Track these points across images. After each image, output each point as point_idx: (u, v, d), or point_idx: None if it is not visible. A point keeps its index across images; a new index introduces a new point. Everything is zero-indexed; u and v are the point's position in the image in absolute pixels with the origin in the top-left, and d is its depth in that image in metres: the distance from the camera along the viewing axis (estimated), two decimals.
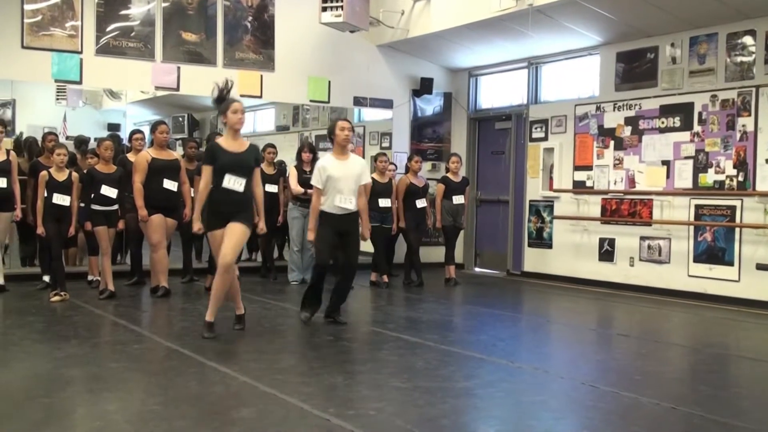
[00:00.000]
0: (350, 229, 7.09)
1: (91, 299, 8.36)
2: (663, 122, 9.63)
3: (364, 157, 12.40)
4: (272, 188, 9.77)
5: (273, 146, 10.15)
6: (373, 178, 9.99)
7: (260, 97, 11.09)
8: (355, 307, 8.45)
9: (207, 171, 6.46)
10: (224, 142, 6.52)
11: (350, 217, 7.05)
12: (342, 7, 10.07)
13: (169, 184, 8.59)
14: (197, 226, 6.52)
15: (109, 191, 8.47)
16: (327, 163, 7.02)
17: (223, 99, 6.51)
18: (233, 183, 6.39)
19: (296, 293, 9.26)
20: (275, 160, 10.16)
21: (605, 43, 10.23)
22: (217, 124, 13.90)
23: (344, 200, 6.95)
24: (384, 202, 9.89)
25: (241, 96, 11.09)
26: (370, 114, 12.68)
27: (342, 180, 6.93)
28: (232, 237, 6.37)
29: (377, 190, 9.88)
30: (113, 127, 12.49)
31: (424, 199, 10.32)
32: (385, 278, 10.01)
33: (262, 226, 6.75)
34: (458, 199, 10.36)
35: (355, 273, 7.31)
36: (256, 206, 6.67)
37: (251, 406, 4.52)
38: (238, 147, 6.50)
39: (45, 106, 11.70)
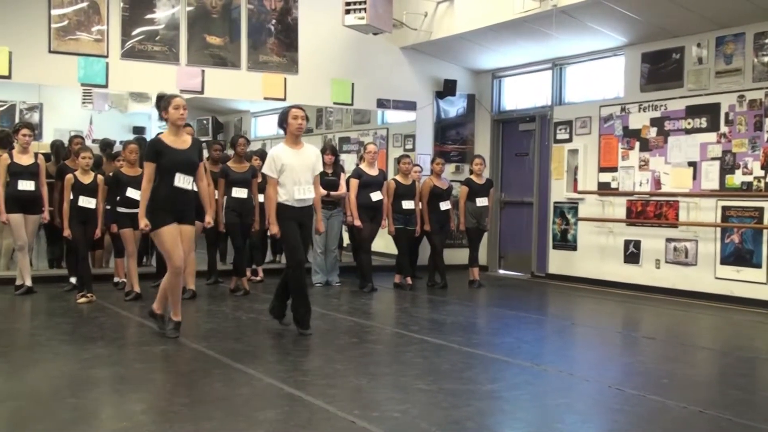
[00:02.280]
0: (307, 222, 6.92)
1: (117, 301, 8.44)
2: (689, 123, 9.54)
3: (387, 159, 12.43)
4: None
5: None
6: (396, 180, 10.02)
7: (284, 99, 11.11)
8: (380, 309, 8.45)
9: (151, 168, 6.33)
10: (167, 138, 6.40)
11: (308, 210, 6.90)
12: (365, 9, 10.08)
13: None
14: (144, 223, 6.35)
15: (135, 194, 8.52)
16: (280, 152, 6.80)
17: (162, 97, 6.49)
18: (183, 182, 6.33)
19: (321, 295, 9.30)
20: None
21: (630, 44, 10.16)
22: (241, 127, 14.01)
23: (303, 191, 6.74)
24: (407, 204, 9.89)
25: (265, 99, 11.20)
26: (394, 116, 12.68)
27: (297, 169, 6.73)
28: (187, 242, 6.50)
29: (400, 192, 9.89)
30: (138, 130, 12.63)
31: (448, 201, 10.30)
32: (409, 280, 10.00)
33: (209, 220, 6.88)
34: (482, 201, 10.33)
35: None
36: (203, 200, 6.73)
37: (276, 408, 4.54)
38: (182, 144, 6.41)
39: (71, 109, 11.83)
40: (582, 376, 5.60)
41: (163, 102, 6.41)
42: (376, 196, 9.74)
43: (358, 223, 9.68)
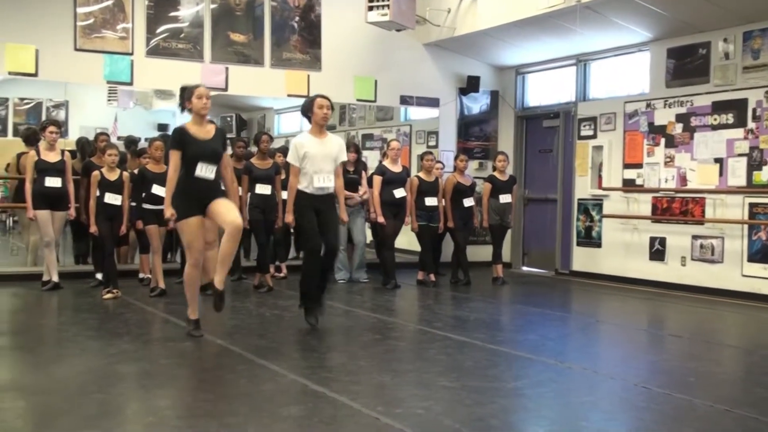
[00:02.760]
0: (327, 207, 6.83)
1: (142, 296, 8.50)
2: (715, 119, 9.44)
3: (410, 156, 12.41)
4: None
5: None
6: (419, 177, 10.01)
7: (307, 96, 11.11)
8: (403, 306, 8.45)
9: (176, 156, 6.22)
10: (191, 127, 6.34)
11: (328, 197, 6.84)
12: (388, 6, 10.08)
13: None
14: (170, 212, 6.26)
15: (160, 190, 8.57)
16: (304, 140, 6.79)
17: (185, 88, 6.42)
18: (206, 171, 6.24)
19: (344, 292, 9.32)
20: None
21: (655, 39, 10.07)
22: (264, 124, 14.06)
23: (323, 179, 6.72)
24: (430, 201, 9.88)
25: (288, 96, 11.22)
26: (417, 113, 12.67)
27: (319, 158, 6.72)
28: (226, 204, 6.25)
29: (423, 188, 9.87)
30: (163, 128, 12.70)
31: (471, 198, 10.28)
32: (432, 277, 9.99)
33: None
34: (505, 198, 10.29)
35: (336, 257, 6.99)
36: (227, 190, 6.57)
37: (300, 404, 4.55)
38: (206, 134, 6.35)
39: (97, 107, 11.94)
40: (607, 373, 5.57)
41: (186, 92, 6.38)
42: (399, 192, 9.73)
43: (381, 219, 9.67)
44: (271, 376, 5.19)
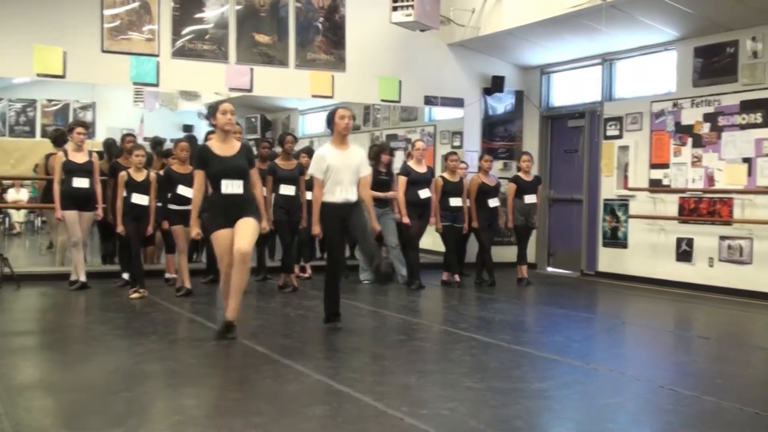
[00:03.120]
0: (352, 212, 6.75)
1: (168, 296, 8.56)
2: (744, 118, 9.33)
3: (435, 156, 12.40)
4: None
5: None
6: (443, 177, 9.98)
7: (332, 97, 11.16)
8: (428, 307, 8.44)
9: (200, 176, 6.31)
10: (214, 145, 6.36)
11: (353, 204, 6.77)
12: (413, 6, 10.05)
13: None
14: (195, 232, 6.38)
15: (186, 191, 8.63)
16: (326, 152, 6.77)
17: (212, 106, 6.47)
18: (232, 187, 6.25)
19: (368, 292, 9.33)
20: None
21: (682, 38, 9.97)
22: (288, 125, 14.11)
23: (345, 191, 6.70)
24: (455, 201, 9.85)
25: (313, 96, 11.25)
26: (441, 113, 12.65)
27: (342, 170, 6.69)
28: (246, 227, 6.21)
29: (448, 189, 9.84)
30: (188, 128, 12.80)
31: (496, 198, 10.24)
32: (457, 278, 9.96)
33: (265, 225, 6.52)
34: (530, 199, 10.24)
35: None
36: (258, 206, 6.48)
37: (325, 404, 4.56)
38: (230, 150, 6.34)
39: (123, 108, 12.06)
40: (633, 375, 5.52)
41: (211, 109, 6.45)
42: (424, 193, 9.71)
43: (406, 220, 9.66)
44: (296, 375, 5.20)
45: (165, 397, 4.85)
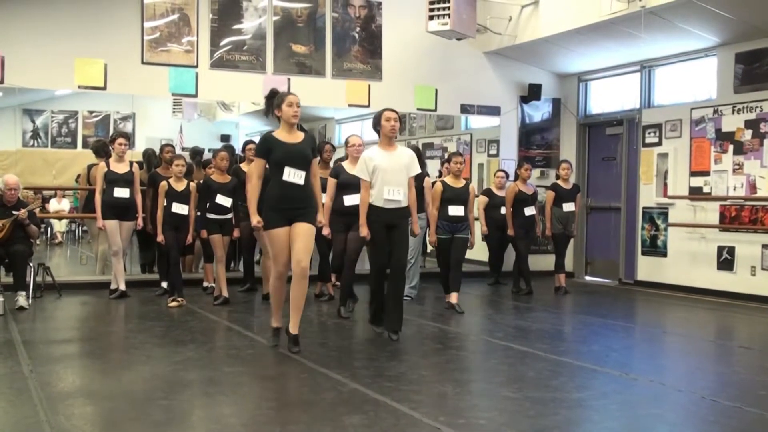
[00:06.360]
0: (399, 223, 6.74)
1: (206, 305, 8.63)
2: None
3: (471, 165, 12.36)
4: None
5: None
6: (444, 182, 8.78)
7: (368, 106, 11.20)
8: (464, 316, 8.40)
9: (259, 164, 6.16)
10: (280, 133, 6.24)
11: (400, 211, 6.74)
12: (449, 15, 10.05)
13: None
14: (256, 220, 6.13)
15: (224, 200, 8.72)
16: (373, 154, 6.74)
17: (274, 95, 6.30)
18: (294, 176, 6.06)
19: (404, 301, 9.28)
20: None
21: (723, 44, 9.84)
22: (325, 134, 14.17)
23: (393, 192, 6.65)
24: (455, 210, 8.60)
25: (349, 105, 11.30)
26: (478, 121, 12.62)
27: (390, 171, 6.65)
28: (304, 239, 6.04)
29: (448, 195, 8.59)
30: (225, 138, 12.92)
31: (533, 207, 10.17)
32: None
33: (320, 218, 6.32)
34: (568, 207, 10.16)
35: (405, 272, 6.84)
36: (316, 201, 6.33)
37: (362, 413, 4.55)
38: (295, 138, 6.21)
39: (162, 119, 12.21)
40: (674, 385, 5.44)
41: (276, 99, 6.26)
42: (352, 200, 8.03)
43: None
44: (333, 384, 5.21)
45: (203, 405, 4.88)
